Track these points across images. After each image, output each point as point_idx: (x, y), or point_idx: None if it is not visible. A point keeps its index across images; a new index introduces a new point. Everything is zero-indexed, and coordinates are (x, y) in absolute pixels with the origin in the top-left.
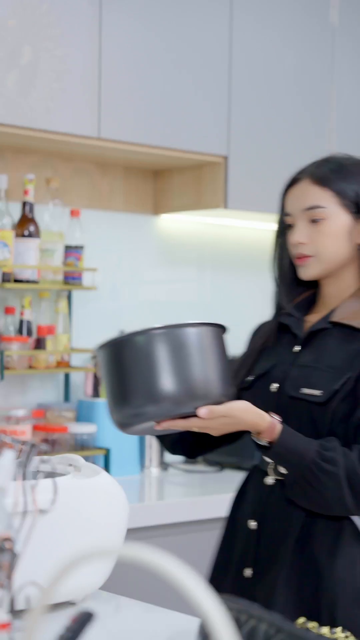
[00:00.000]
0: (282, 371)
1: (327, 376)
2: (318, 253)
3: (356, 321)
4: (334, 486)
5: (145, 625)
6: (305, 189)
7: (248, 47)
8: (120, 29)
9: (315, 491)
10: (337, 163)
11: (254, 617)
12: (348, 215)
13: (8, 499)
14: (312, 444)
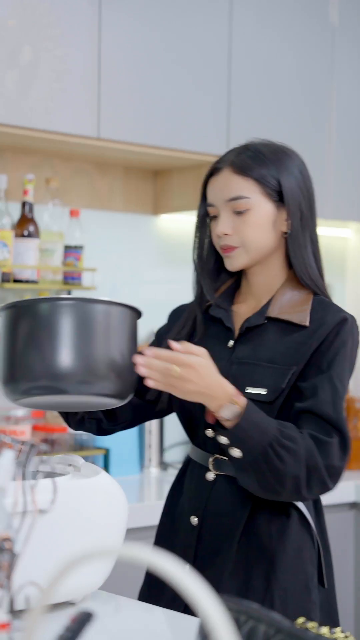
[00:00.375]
0: (218, 367)
1: (270, 373)
2: (243, 244)
3: (294, 315)
4: (293, 464)
5: (145, 625)
6: (227, 179)
7: (248, 47)
8: (120, 29)
9: (272, 473)
10: (257, 150)
11: (253, 618)
12: (271, 204)
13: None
14: (272, 421)
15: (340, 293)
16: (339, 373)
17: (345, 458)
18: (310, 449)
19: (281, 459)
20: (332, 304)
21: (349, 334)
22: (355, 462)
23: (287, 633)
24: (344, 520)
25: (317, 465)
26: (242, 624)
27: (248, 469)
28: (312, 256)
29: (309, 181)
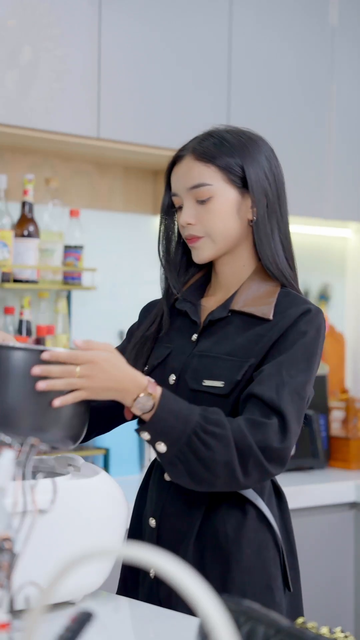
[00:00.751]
0: (179, 361)
1: (229, 366)
2: (208, 233)
3: (257, 308)
4: (222, 449)
5: (145, 625)
6: (189, 166)
7: (248, 48)
8: (119, 29)
9: (200, 462)
10: (220, 137)
11: (252, 618)
12: (235, 191)
13: (7, 499)
14: (195, 408)
15: (340, 293)
16: (290, 362)
17: (285, 441)
18: (241, 430)
19: (208, 446)
20: (299, 297)
21: (310, 325)
22: (355, 463)
23: (286, 633)
24: (344, 520)
25: (250, 446)
26: (241, 625)
27: (176, 462)
28: (280, 245)
29: (277, 168)
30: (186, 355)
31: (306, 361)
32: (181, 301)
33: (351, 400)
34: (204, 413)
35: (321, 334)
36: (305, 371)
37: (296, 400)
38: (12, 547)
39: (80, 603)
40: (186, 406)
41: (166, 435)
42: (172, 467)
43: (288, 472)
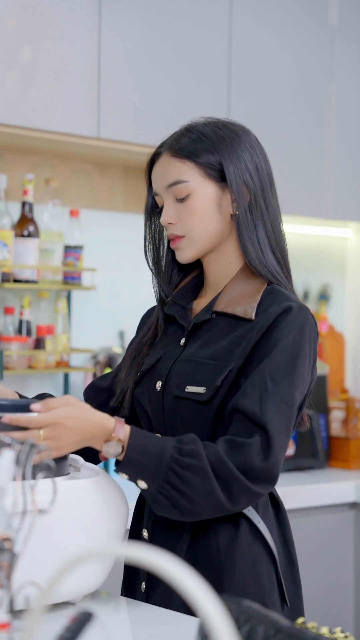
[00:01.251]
0: (166, 367)
1: (210, 370)
2: (188, 232)
3: (240, 308)
4: (201, 481)
5: (145, 626)
6: (166, 163)
7: (248, 47)
8: (119, 29)
9: (182, 494)
10: (198, 132)
11: (252, 618)
12: (213, 186)
13: (7, 499)
14: (168, 441)
15: (340, 293)
16: (273, 367)
17: (270, 457)
18: (219, 457)
19: (185, 481)
20: (282, 293)
21: (292, 324)
22: (355, 463)
23: (286, 633)
24: (344, 520)
25: (231, 472)
26: (241, 625)
27: (159, 498)
28: (265, 240)
29: (259, 159)
30: (173, 361)
31: (290, 364)
32: (171, 305)
33: (351, 400)
34: (178, 445)
35: (306, 331)
36: (290, 375)
37: (283, 410)
38: (12, 547)
39: (80, 603)
40: (159, 442)
41: (143, 474)
42: (156, 503)
43: (288, 472)
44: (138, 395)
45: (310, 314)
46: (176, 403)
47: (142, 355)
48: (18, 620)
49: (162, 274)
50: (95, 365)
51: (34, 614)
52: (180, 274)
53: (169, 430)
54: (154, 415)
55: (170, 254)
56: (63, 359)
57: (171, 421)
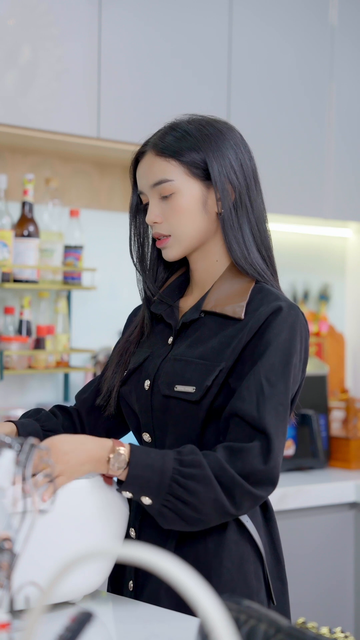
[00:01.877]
0: (154, 366)
1: (199, 370)
2: (174, 231)
3: (229, 307)
4: (205, 490)
5: (145, 625)
6: (151, 162)
7: (248, 47)
8: (119, 29)
9: (188, 506)
10: (182, 130)
11: (253, 617)
12: (198, 184)
13: (7, 499)
14: (168, 454)
15: (340, 293)
16: (267, 369)
17: (270, 461)
18: (220, 464)
19: (190, 491)
20: (271, 292)
21: (283, 325)
22: (355, 463)
23: (286, 633)
24: (344, 520)
25: (233, 478)
26: (242, 624)
27: (164, 512)
28: (250, 238)
29: (244, 157)
30: (161, 360)
31: (284, 365)
32: (157, 304)
33: (351, 400)
34: (178, 457)
35: (297, 331)
36: (285, 376)
37: (280, 412)
38: (12, 547)
39: (80, 603)
40: (159, 455)
41: (147, 490)
42: (162, 517)
43: (288, 472)
44: (125, 394)
45: (300, 312)
46: (165, 402)
47: (128, 353)
48: (18, 620)
49: (148, 272)
50: (95, 365)
51: (34, 614)
52: (166, 272)
53: (158, 428)
54: (142, 413)
55: (156, 252)
56: (63, 359)
57: (160, 420)
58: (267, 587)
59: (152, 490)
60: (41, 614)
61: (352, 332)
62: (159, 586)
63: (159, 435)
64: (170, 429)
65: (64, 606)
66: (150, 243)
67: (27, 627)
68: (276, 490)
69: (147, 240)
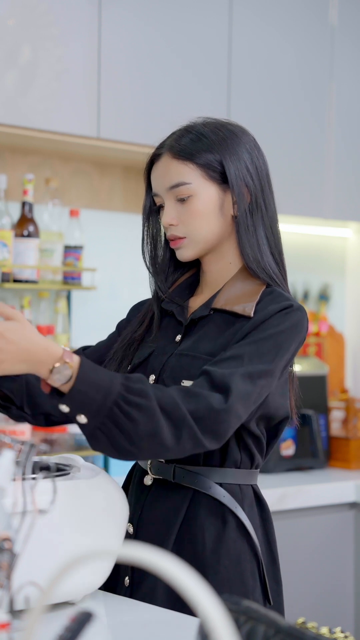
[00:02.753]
0: (160, 361)
1: (205, 365)
2: (189, 234)
3: (238, 306)
4: (145, 422)
5: (145, 626)
6: (167, 165)
7: (248, 47)
8: (119, 29)
9: (123, 434)
10: (198, 132)
11: (252, 618)
12: (215, 188)
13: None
14: (116, 377)
15: (340, 293)
16: (254, 349)
17: (223, 414)
18: (173, 400)
19: (130, 418)
20: (282, 295)
21: (286, 318)
22: (355, 463)
23: (286, 633)
24: (344, 520)
25: (184, 418)
26: (241, 625)
27: (97, 434)
28: (265, 241)
29: (259, 161)
30: (167, 355)
31: (273, 354)
32: (168, 302)
33: (351, 400)
34: (126, 383)
35: (297, 330)
36: (268, 362)
37: (247, 382)
38: (11, 547)
39: (80, 603)
40: (107, 376)
41: (86, 408)
42: (94, 439)
43: (288, 472)
44: None
45: (306, 316)
46: None
47: (132, 350)
48: (18, 620)
49: (159, 274)
50: None
51: (34, 614)
52: (177, 273)
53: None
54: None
55: (168, 254)
56: None
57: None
58: (264, 586)
59: (91, 410)
60: (41, 614)
61: (352, 332)
62: (155, 584)
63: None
64: None
65: (63, 606)
66: (163, 244)
67: (27, 627)
68: (276, 490)
69: (160, 241)
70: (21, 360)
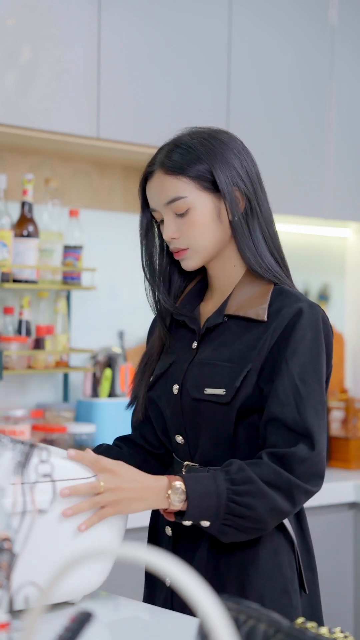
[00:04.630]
0: (181, 370)
1: (228, 372)
2: (191, 244)
3: (252, 310)
4: (261, 502)
5: (144, 625)
6: (161, 181)
7: (247, 47)
8: (119, 29)
9: (246, 519)
10: (186, 145)
11: (252, 617)
12: (210, 197)
13: (7, 499)
14: (218, 477)
15: (340, 293)
16: (300, 371)
17: (316, 457)
18: (274, 470)
19: (247, 506)
20: (290, 294)
21: (308, 326)
22: (355, 463)
23: (286, 633)
24: (343, 520)
25: (289, 481)
26: (241, 624)
27: (224, 530)
28: (263, 242)
29: (248, 164)
30: (187, 364)
31: (314, 363)
32: (177, 312)
33: (351, 400)
34: (229, 477)
35: (320, 328)
36: (317, 374)
37: (319, 410)
38: (11, 547)
39: (80, 603)
40: (211, 480)
41: (206, 515)
42: (223, 535)
43: None
44: (154, 398)
45: (320, 309)
46: (196, 405)
47: (151, 362)
48: (17, 620)
49: (161, 286)
50: (94, 365)
51: (34, 614)
52: (181, 282)
53: (190, 430)
54: (173, 416)
55: (169, 266)
56: (62, 359)
57: (191, 422)
58: (300, 576)
59: (211, 516)
60: (40, 614)
61: (351, 332)
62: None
63: (191, 436)
64: (203, 430)
65: (63, 606)
66: (165, 258)
67: (26, 627)
68: None
69: (161, 255)
70: (135, 498)
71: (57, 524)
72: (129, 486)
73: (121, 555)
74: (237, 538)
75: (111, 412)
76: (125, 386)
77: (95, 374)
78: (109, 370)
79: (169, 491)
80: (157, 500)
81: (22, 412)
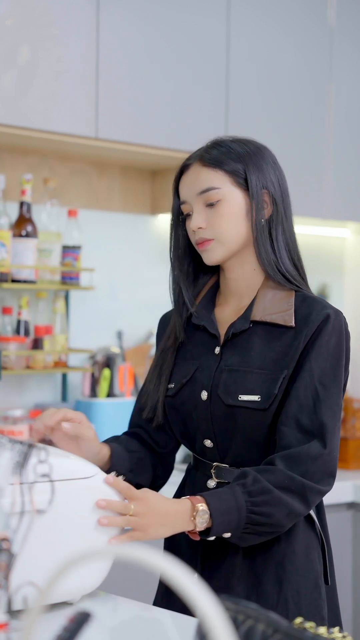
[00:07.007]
0: (208, 377)
1: (262, 379)
2: (218, 236)
3: (279, 316)
4: (279, 509)
5: (143, 625)
6: (197, 172)
7: (246, 48)
8: (118, 29)
9: (265, 526)
10: (226, 145)
11: (251, 617)
12: (242, 193)
13: (6, 499)
14: (235, 491)
15: (338, 293)
16: (320, 373)
17: (328, 455)
18: (286, 475)
19: (265, 515)
20: (316, 300)
21: (333, 331)
22: (354, 463)
23: (284, 633)
24: (342, 520)
25: (302, 484)
26: (240, 624)
27: (245, 538)
28: (284, 248)
29: (280, 174)
30: (213, 370)
31: (335, 368)
32: (196, 316)
33: (350, 401)
34: (246, 490)
35: (343, 335)
36: (337, 378)
37: (336, 412)
38: (10, 547)
39: (78, 603)
40: (230, 495)
41: (228, 528)
42: (242, 541)
43: None
44: (177, 405)
45: (343, 317)
46: (229, 411)
47: (166, 364)
48: (16, 621)
49: (187, 280)
50: (93, 365)
51: (32, 614)
52: (198, 283)
53: (219, 435)
54: (201, 422)
55: (187, 263)
56: (61, 359)
57: (222, 427)
58: (325, 570)
59: (232, 528)
60: (39, 614)
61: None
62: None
63: (221, 440)
64: (236, 435)
65: (62, 606)
66: (183, 252)
67: (25, 627)
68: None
69: (187, 249)
70: (161, 524)
71: (56, 524)
72: (155, 512)
73: (119, 555)
74: (256, 542)
75: (110, 412)
76: (124, 386)
77: (94, 374)
78: (108, 370)
79: (194, 513)
80: (183, 524)
81: (21, 412)
